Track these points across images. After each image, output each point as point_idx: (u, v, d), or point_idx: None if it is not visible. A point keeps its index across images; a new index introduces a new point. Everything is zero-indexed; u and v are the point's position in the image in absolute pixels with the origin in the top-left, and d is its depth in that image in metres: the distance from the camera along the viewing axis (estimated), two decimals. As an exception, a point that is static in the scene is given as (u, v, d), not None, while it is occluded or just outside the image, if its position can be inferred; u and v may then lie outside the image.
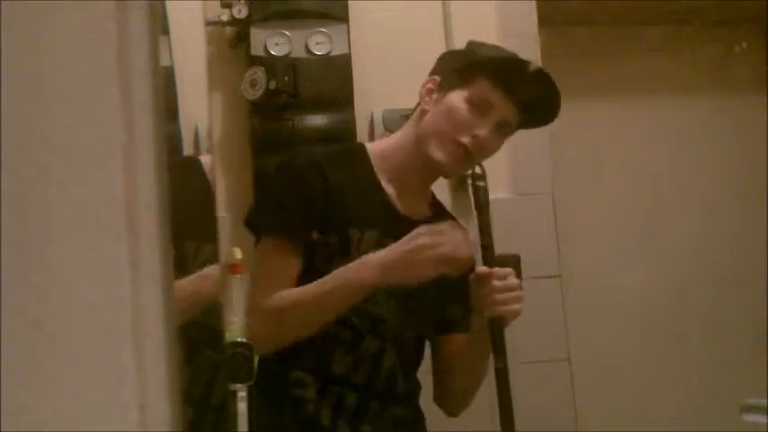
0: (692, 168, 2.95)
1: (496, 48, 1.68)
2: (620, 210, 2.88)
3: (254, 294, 1.46)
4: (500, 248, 2.39)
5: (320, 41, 2.25)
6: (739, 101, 2.96)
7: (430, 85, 1.62)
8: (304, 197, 1.52)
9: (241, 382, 1.25)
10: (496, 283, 1.51)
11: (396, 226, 1.54)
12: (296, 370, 1.50)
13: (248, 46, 2.24)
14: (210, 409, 1.29)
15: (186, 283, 1.20)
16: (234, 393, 1.26)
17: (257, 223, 1.56)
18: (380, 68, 2.41)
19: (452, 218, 1.69)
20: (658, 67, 2.91)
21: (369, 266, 1.44)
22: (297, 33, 2.24)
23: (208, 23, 2.31)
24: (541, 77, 1.61)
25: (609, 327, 2.77)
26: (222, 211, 2.25)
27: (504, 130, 1.61)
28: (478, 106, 1.56)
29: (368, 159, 1.61)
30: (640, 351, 2.79)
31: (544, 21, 2.49)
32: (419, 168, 1.60)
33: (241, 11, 2.23)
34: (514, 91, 1.57)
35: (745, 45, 2.93)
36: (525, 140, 2.48)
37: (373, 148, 1.65)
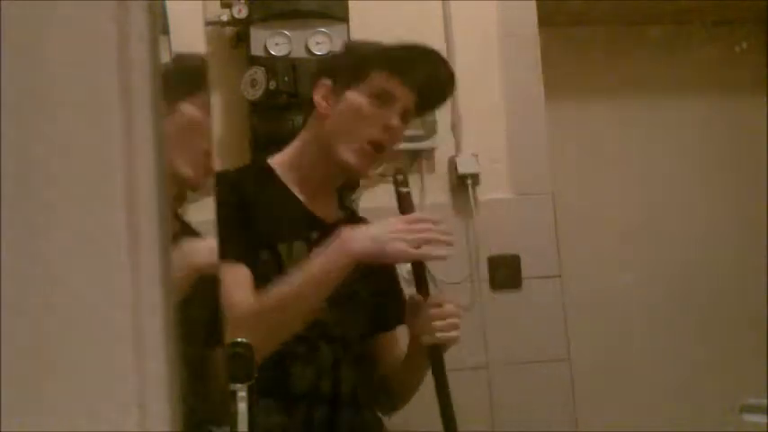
0: (691, 168, 2.95)
1: (377, 42, 1.67)
2: (620, 209, 2.88)
3: (232, 308, 1.43)
4: (500, 248, 2.41)
5: (320, 41, 2.25)
6: (739, 101, 2.96)
7: (323, 90, 1.61)
8: (233, 216, 1.49)
9: (241, 382, 1.25)
10: (432, 311, 1.50)
11: (317, 231, 1.54)
12: (260, 397, 1.49)
13: (248, 46, 2.24)
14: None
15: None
16: (234, 393, 1.26)
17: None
18: (380, 68, 2.41)
19: (364, 220, 1.67)
20: (658, 67, 2.91)
21: (353, 242, 1.43)
22: (297, 33, 2.24)
23: (208, 23, 2.31)
24: (432, 57, 1.62)
25: (609, 327, 2.78)
26: (222, 211, 2.24)
27: (406, 119, 1.60)
28: (381, 98, 1.55)
29: (274, 173, 1.61)
30: (640, 351, 2.79)
31: (544, 21, 2.49)
32: (327, 173, 1.60)
33: (241, 11, 2.23)
34: (410, 76, 1.57)
35: (745, 45, 2.93)
36: (525, 140, 2.48)
37: (274, 161, 1.64)
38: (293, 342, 1.48)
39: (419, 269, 1.55)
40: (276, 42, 2.23)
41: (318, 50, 2.24)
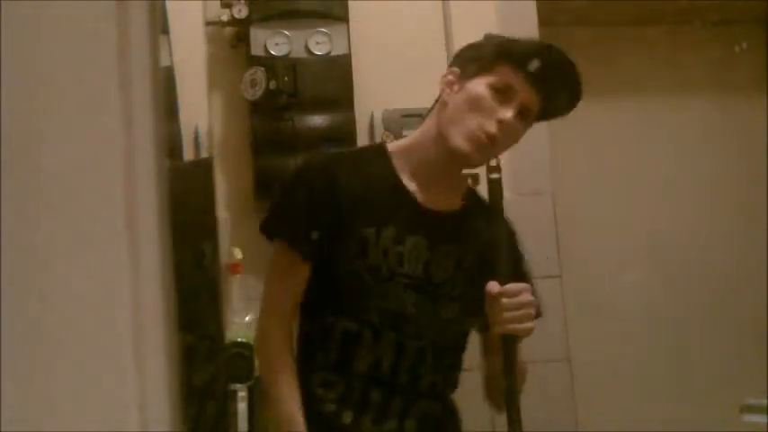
0: (691, 168, 2.95)
1: (514, 38, 1.67)
2: (620, 209, 2.88)
3: (264, 301, 1.55)
4: (500, 248, 2.40)
5: (320, 41, 2.25)
6: (739, 101, 2.96)
7: (450, 77, 1.59)
8: (310, 205, 1.53)
9: (241, 382, 1.25)
10: (506, 300, 1.47)
11: (418, 219, 1.54)
12: (320, 370, 1.52)
13: (248, 46, 2.24)
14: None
15: None
16: (234, 393, 1.26)
17: (267, 228, 1.58)
18: (380, 68, 2.41)
19: (486, 209, 1.61)
20: (658, 67, 2.91)
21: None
22: (297, 33, 2.24)
23: (208, 23, 2.31)
24: (563, 63, 1.58)
25: (609, 327, 2.77)
26: (222, 211, 2.25)
27: (525, 118, 1.57)
28: (502, 91, 1.53)
29: (387, 157, 1.60)
30: (640, 351, 2.79)
31: (544, 21, 2.49)
32: (442, 160, 1.57)
33: (241, 11, 2.23)
34: (537, 76, 1.54)
35: (745, 45, 2.93)
36: (525, 140, 2.48)
37: (393, 146, 1.64)
38: (360, 324, 1.51)
39: (500, 253, 1.51)
40: (276, 42, 2.23)
41: (318, 50, 2.24)
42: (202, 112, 2.30)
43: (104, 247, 0.49)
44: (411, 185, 1.58)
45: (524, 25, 2.47)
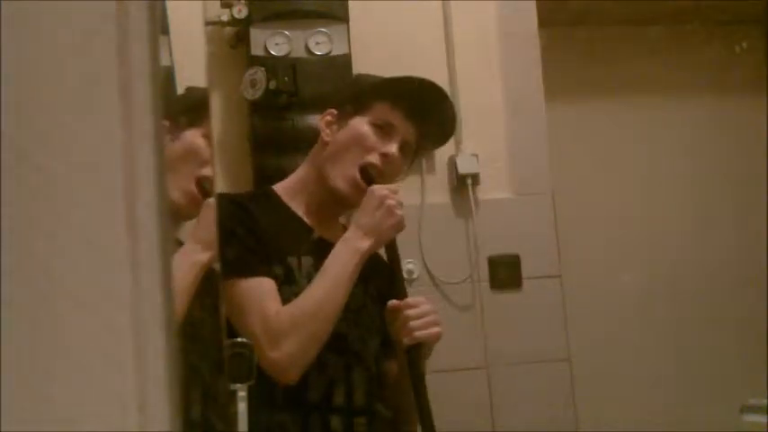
0: (691, 168, 2.95)
1: (386, 77, 1.70)
2: (620, 210, 2.88)
3: (258, 321, 1.45)
4: (500, 248, 2.41)
5: (320, 41, 2.25)
6: (739, 101, 2.96)
7: (329, 117, 1.65)
8: (248, 236, 1.52)
9: (241, 382, 1.25)
10: (409, 311, 1.52)
11: (324, 250, 1.56)
12: (277, 411, 1.50)
13: (248, 46, 2.24)
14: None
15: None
16: (234, 393, 1.26)
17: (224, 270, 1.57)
18: (380, 68, 2.40)
19: None
20: (658, 67, 2.91)
21: (357, 237, 1.50)
22: (297, 33, 2.24)
23: (208, 23, 2.31)
24: (437, 96, 1.65)
25: (609, 327, 2.77)
26: (222, 211, 2.24)
27: (406, 153, 1.63)
28: (382, 128, 1.59)
29: (279, 198, 1.64)
30: (640, 351, 2.79)
31: (544, 21, 2.49)
32: (326, 200, 1.63)
33: (241, 11, 2.23)
34: (413, 111, 1.60)
35: (745, 45, 2.93)
36: (525, 140, 2.48)
37: (278, 188, 1.67)
38: None
39: (396, 272, 1.56)
40: (276, 42, 2.23)
41: (318, 50, 2.24)
42: (202, 112, 2.29)
43: (104, 247, 0.49)
44: (308, 220, 1.63)
45: (524, 25, 2.48)
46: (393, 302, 1.55)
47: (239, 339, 1.67)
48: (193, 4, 2.36)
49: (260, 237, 1.52)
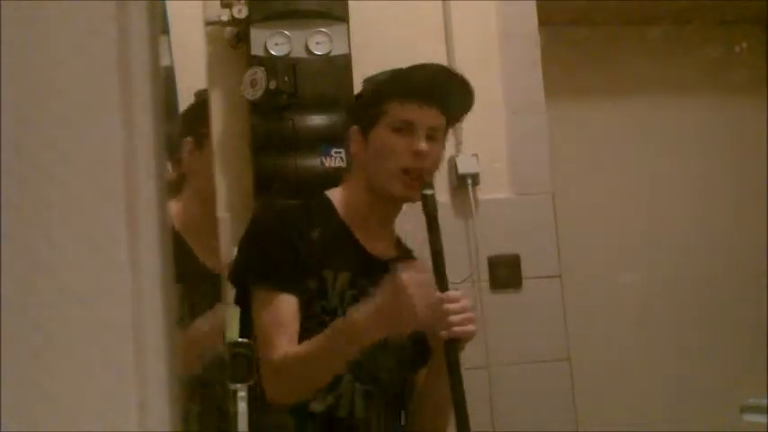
0: (691, 168, 2.95)
1: (385, 71, 1.71)
2: (620, 210, 2.88)
3: (265, 350, 1.50)
4: (500, 248, 2.41)
5: (320, 41, 2.25)
6: (739, 101, 2.96)
7: (353, 135, 1.66)
8: (288, 248, 1.55)
9: (241, 382, 1.25)
10: (449, 306, 1.51)
11: (366, 266, 1.58)
12: (281, 411, 1.53)
13: (248, 46, 2.24)
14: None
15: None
16: (234, 393, 1.26)
17: (247, 277, 1.58)
18: (380, 68, 2.40)
19: (413, 256, 1.71)
20: (658, 67, 2.91)
21: (367, 317, 1.46)
22: (297, 33, 2.24)
23: (208, 23, 2.31)
24: (438, 71, 1.65)
25: (609, 327, 2.77)
26: (222, 211, 2.25)
27: (437, 136, 1.63)
28: (402, 128, 1.59)
29: (334, 209, 1.65)
30: (640, 351, 2.79)
31: (544, 21, 2.49)
32: (382, 208, 1.64)
33: (241, 11, 2.23)
34: (423, 96, 1.60)
35: (745, 45, 2.93)
36: (525, 140, 2.49)
37: (335, 197, 1.68)
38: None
39: (439, 263, 1.55)
40: (276, 42, 2.23)
41: (318, 50, 2.24)
42: (202, 112, 2.30)
43: (104, 247, 0.49)
44: (358, 234, 1.64)
45: (524, 25, 2.48)
46: (437, 294, 1.53)
47: (240, 339, 1.68)
48: (193, 4, 2.36)
49: (302, 249, 1.55)
